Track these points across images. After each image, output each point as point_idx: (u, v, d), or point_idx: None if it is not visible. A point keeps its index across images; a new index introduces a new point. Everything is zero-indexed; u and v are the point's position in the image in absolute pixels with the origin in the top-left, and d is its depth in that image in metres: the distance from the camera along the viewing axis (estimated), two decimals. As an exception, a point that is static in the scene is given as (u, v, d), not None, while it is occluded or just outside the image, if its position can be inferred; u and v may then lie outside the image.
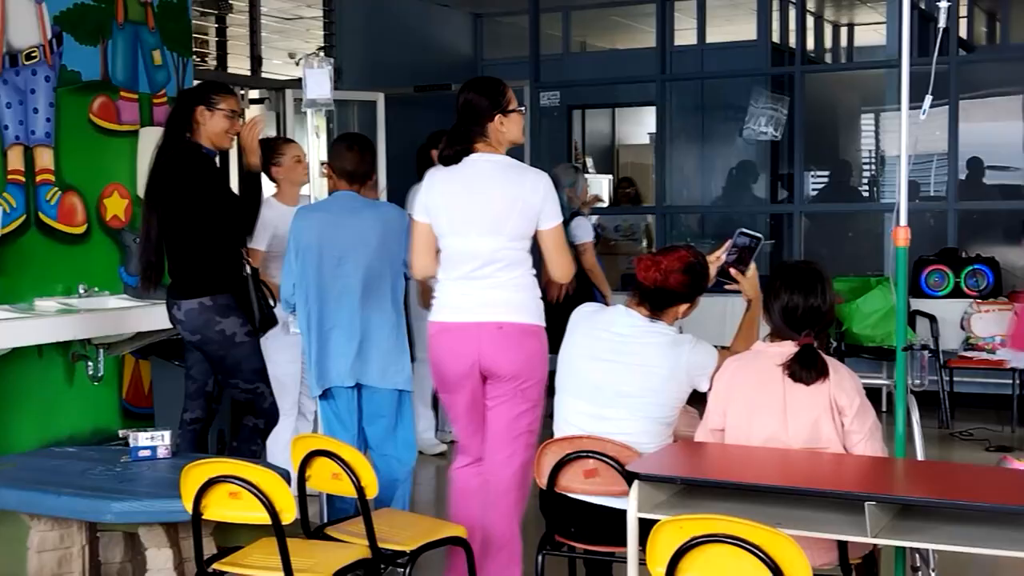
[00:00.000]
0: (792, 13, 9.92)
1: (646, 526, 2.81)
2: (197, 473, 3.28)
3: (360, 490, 3.45)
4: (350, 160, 4.48)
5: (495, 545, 3.96)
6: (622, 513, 3.09)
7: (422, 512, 4.97)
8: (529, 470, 3.84)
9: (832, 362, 3.31)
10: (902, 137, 3.47)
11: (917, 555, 3.78)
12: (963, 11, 10.43)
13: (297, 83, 5.43)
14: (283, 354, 5.18)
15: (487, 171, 3.87)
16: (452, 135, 3.91)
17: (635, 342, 3.54)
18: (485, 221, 3.84)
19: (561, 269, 3.93)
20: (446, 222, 3.92)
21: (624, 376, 3.51)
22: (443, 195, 3.91)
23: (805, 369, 3.24)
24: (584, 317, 3.70)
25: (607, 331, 3.59)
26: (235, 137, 4.64)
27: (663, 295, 3.55)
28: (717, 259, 3.75)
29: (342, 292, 4.36)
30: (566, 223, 4.37)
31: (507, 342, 3.85)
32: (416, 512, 4.63)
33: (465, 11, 10.52)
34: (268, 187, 5.26)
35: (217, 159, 4.76)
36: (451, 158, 3.88)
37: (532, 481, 3.77)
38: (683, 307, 3.61)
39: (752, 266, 3.77)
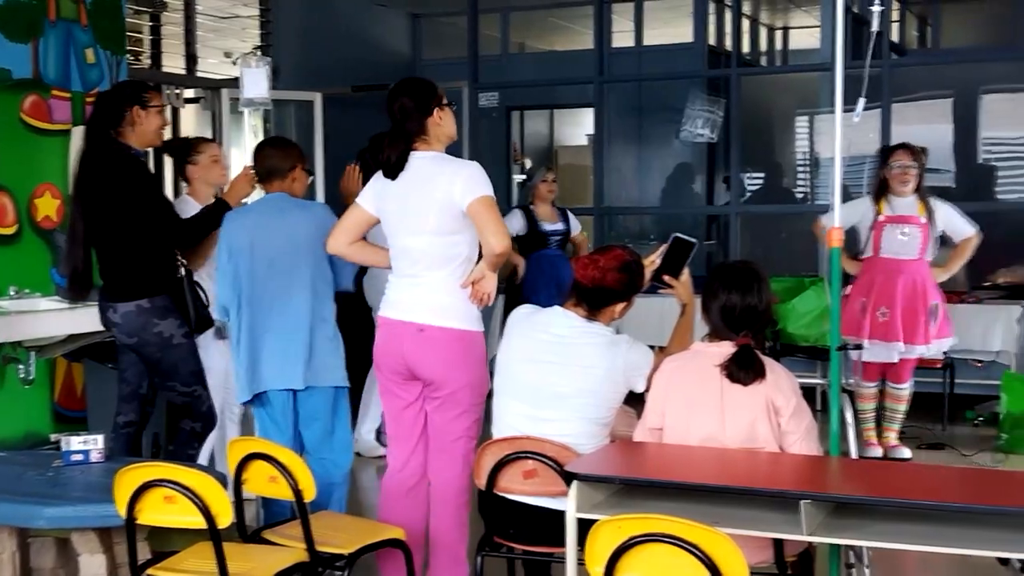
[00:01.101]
0: (728, 16, 10.02)
1: (585, 526, 2.82)
2: (131, 477, 3.24)
3: (298, 493, 3.43)
4: (262, 160, 4.46)
5: (440, 549, 3.95)
6: (561, 514, 3.09)
7: (361, 515, 4.94)
8: (468, 473, 3.84)
9: (769, 362, 3.34)
10: (836, 139, 3.52)
11: (851, 552, 3.83)
12: (895, 15, 10.61)
13: (233, 82, 5.39)
14: (214, 357, 5.12)
15: (416, 169, 3.86)
16: (392, 139, 3.87)
17: (572, 343, 3.55)
18: (409, 220, 3.84)
19: (494, 238, 3.73)
20: (386, 222, 3.94)
21: (562, 377, 3.52)
22: (385, 197, 3.91)
23: (742, 370, 3.28)
24: (520, 319, 3.71)
25: (545, 332, 3.60)
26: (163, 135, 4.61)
27: (601, 294, 3.58)
28: (651, 263, 3.78)
29: (275, 295, 4.32)
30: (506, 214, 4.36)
31: (428, 345, 3.84)
32: (355, 515, 4.60)
33: (403, 11, 10.49)
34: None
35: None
36: (396, 163, 3.85)
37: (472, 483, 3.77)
38: (620, 306, 3.63)
39: (685, 271, 3.80)
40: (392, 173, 3.86)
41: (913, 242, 6.12)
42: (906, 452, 6.35)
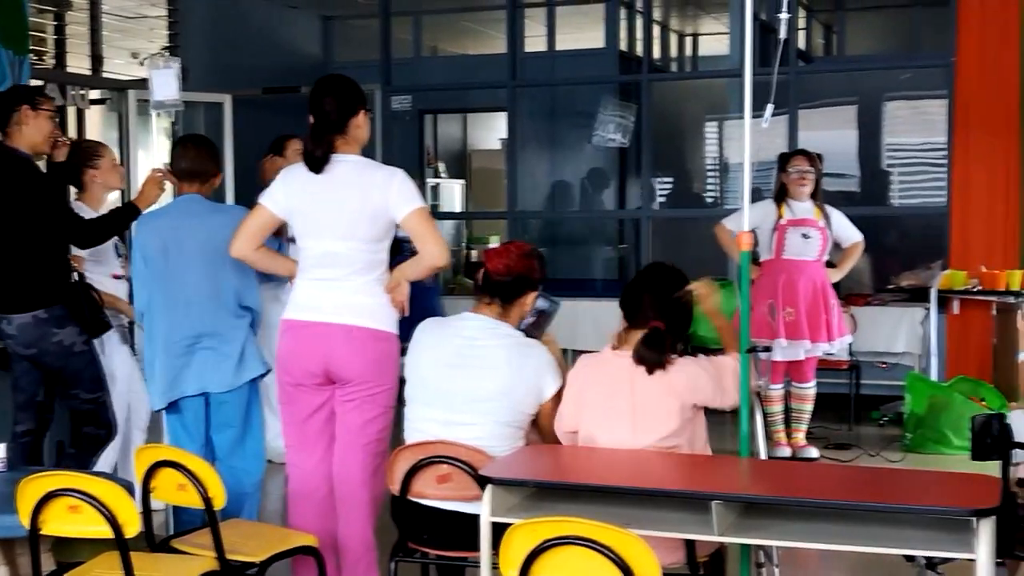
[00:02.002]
0: (639, 22, 10.11)
1: (499, 530, 2.82)
2: (34, 487, 3.16)
3: (207, 501, 3.37)
4: (186, 159, 4.39)
5: (352, 555, 3.92)
6: (475, 518, 3.09)
7: (271, 522, 4.88)
8: (380, 478, 3.81)
9: (681, 360, 3.39)
10: (745, 145, 3.57)
11: (761, 552, 3.88)
12: (801, 23, 10.80)
13: (140, 83, 5.29)
14: (119, 363, 5.03)
15: (344, 173, 3.82)
16: (316, 135, 3.82)
17: (483, 345, 3.55)
18: (339, 225, 3.79)
19: (437, 250, 3.75)
20: (303, 224, 3.87)
21: (474, 380, 3.51)
22: (302, 197, 3.85)
23: (651, 350, 3.31)
24: (429, 327, 3.70)
25: (456, 336, 3.59)
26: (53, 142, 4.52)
27: (514, 282, 3.59)
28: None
29: (190, 299, 4.26)
30: None
31: (355, 346, 3.81)
32: (265, 522, 4.55)
33: (314, 13, 10.41)
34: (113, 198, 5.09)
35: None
36: (320, 160, 3.80)
37: (385, 488, 3.75)
38: (530, 296, 3.64)
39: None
40: (317, 168, 3.81)
41: (814, 244, 6.33)
42: (814, 452, 6.48)
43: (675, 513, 2.97)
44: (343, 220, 3.79)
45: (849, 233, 6.51)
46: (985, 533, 2.62)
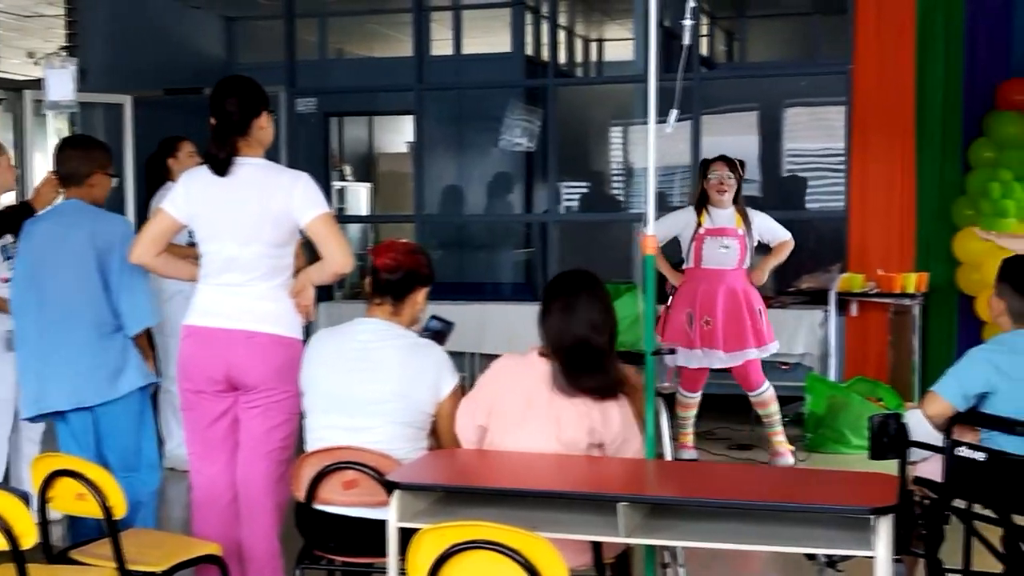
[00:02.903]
0: (545, 27, 10.16)
1: (406, 535, 2.80)
2: (-75, 499, 3.06)
3: (107, 510, 3.30)
4: (60, 161, 4.29)
5: (257, 563, 3.87)
6: (382, 523, 3.07)
7: (176, 530, 4.80)
8: (285, 485, 3.77)
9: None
10: (650, 150, 3.61)
11: (666, 552, 3.92)
12: (704, 30, 10.96)
13: (37, 83, 5.16)
14: (5, 370, 4.90)
15: (247, 176, 3.77)
16: (219, 137, 3.76)
17: (377, 349, 3.53)
18: (242, 229, 3.74)
19: (342, 256, 3.73)
20: (205, 228, 3.81)
21: (371, 384, 3.49)
22: (205, 201, 3.79)
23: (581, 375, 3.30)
24: (322, 337, 3.68)
25: (350, 341, 3.57)
26: None
27: (404, 278, 3.57)
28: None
29: (61, 308, 4.14)
30: None
31: (257, 352, 3.77)
32: (168, 531, 4.47)
33: (217, 14, 10.26)
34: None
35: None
36: (223, 163, 3.75)
37: (289, 496, 3.71)
38: (421, 294, 3.63)
39: None
40: (221, 171, 3.75)
41: (732, 253, 6.32)
42: (789, 459, 6.40)
43: (582, 515, 2.99)
44: (246, 224, 3.74)
45: (777, 232, 6.49)
46: (883, 531, 2.68)
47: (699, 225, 6.36)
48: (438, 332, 3.81)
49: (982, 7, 7.52)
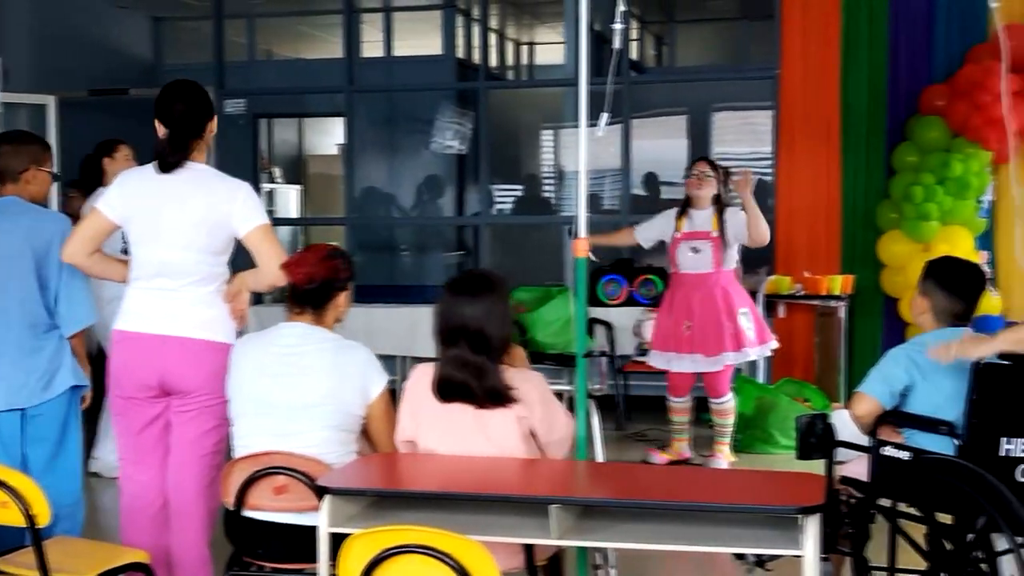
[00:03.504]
0: (476, 30, 10.18)
1: (337, 540, 2.79)
2: None
3: (30, 518, 3.24)
4: None
5: (186, 571, 3.82)
6: (312, 529, 3.05)
7: (102, 538, 4.72)
8: (216, 491, 3.73)
9: (520, 376, 3.36)
10: (581, 153, 3.62)
11: (597, 554, 3.94)
12: (634, 34, 11.05)
13: (-44, 83, 5.04)
14: None
15: (188, 181, 3.75)
16: (176, 141, 3.74)
17: (303, 352, 3.49)
18: (179, 233, 3.71)
19: (274, 268, 3.69)
20: (140, 229, 3.76)
21: (299, 388, 3.46)
22: (142, 203, 3.75)
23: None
24: (247, 343, 3.64)
25: (274, 346, 3.53)
26: None
27: (320, 288, 3.54)
28: None
29: (1, 308, 4.06)
30: None
31: (191, 358, 3.73)
32: (95, 539, 4.39)
33: (144, 14, 10.13)
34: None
35: None
36: (174, 165, 3.72)
37: (219, 502, 3.66)
38: (342, 297, 3.60)
39: None
40: (168, 170, 3.72)
41: (705, 257, 6.28)
42: (722, 464, 6.43)
43: (514, 518, 2.99)
44: (184, 229, 3.71)
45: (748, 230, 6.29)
46: (811, 530, 2.72)
47: (676, 230, 6.37)
48: None
49: (905, 14, 7.67)
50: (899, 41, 7.68)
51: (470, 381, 3.25)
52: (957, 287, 3.75)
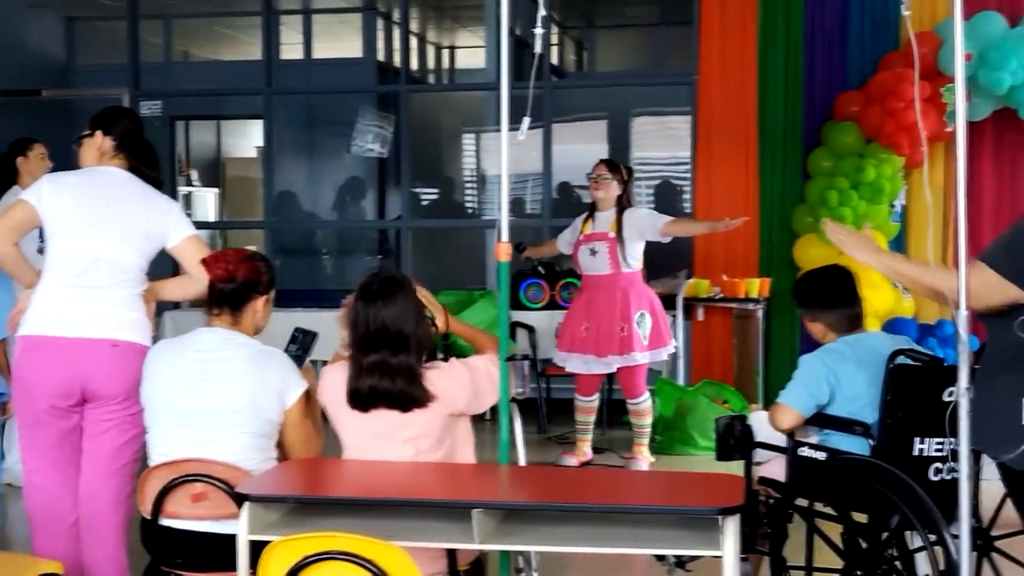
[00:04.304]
0: (396, 33, 10.14)
1: (257, 548, 2.75)
2: None
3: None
4: None
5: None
6: (231, 537, 3.00)
7: (13, 549, 4.61)
8: (132, 500, 3.66)
9: (435, 374, 3.36)
10: (503, 157, 3.63)
11: (520, 557, 3.94)
12: (555, 39, 11.10)
13: None
14: None
15: (126, 184, 3.82)
16: (131, 147, 3.91)
17: (220, 358, 3.44)
18: (120, 229, 3.72)
19: (205, 275, 3.69)
20: (75, 222, 3.71)
21: (216, 394, 3.40)
22: (76, 199, 3.74)
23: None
24: (162, 349, 3.58)
25: (191, 351, 3.48)
26: None
27: (240, 288, 3.50)
28: None
29: None
30: None
31: (120, 362, 3.66)
32: (7, 550, 4.29)
33: (57, 14, 9.93)
34: None
35: None
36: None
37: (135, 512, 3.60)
38: (260, 302, 3.56)
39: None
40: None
41: (602, 258, 6.31)
42: (643, 466, 6.45)
43: (437, 523, 2.98)
44: (124, 223, 3.73)
45: (654, 223, 6.30)
46: (730, 531, 2.74)
47: (581, 232, 6.41)
48: (303, 344, 3.75)
49: (820, 22, 7.80)
50: (814, 48, 7.82)
51: (397, 386, 3.23)
52: (833, 299, 3.81)
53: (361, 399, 3.26)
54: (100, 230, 3.71)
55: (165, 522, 3.37)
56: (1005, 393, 2.87)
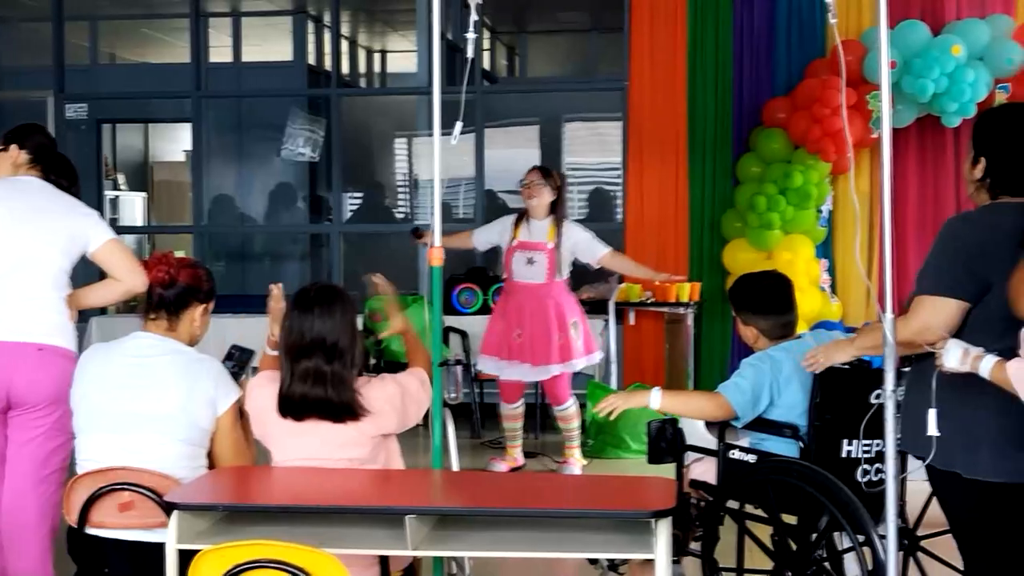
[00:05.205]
0: (327, 36, 10.09)
1: (187, 557, 2.72)
2: None
3: None
4: None
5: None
6: (161, 546, 2.96)
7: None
8: (59, 509, 3.59)
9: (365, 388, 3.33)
10: (435, 162, 3.62)
11: (453, 563, 3.94)
12: (486, 44, 11.12)
13: None
14: None
15: (46, 191, 3.80)
16: (45, 157, 3.89)
17: (153, 363, 3.39)
18: (44, 229, 3.69)
19: (132, 277, 3.69)
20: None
21: (148, 400, 3.35)
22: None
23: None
24: (94, 352, 3.52)
25: (123, 356, 3.43)
26: None
27: (180, 294, 3.46)
28: None
29: None
30: None
31: (46, 367, 3.61)
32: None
33: (-21, 14, 9.74)
34: None
35: None
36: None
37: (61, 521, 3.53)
38: (199, 310, 3.52)
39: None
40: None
41: (539, 268, 6.27)
42: (575, 469, 6.47)
43: (369, 529, 2.97)
44: (46, 229, 3.70)
45: (593, 250, 6.33)
46: (663, 533, 2.76)
47: (513, 238, 6.36)
48: (240, 360, 3.72)
49: (748, 29, 7.89)
50: (743, 55, 7.90)
51: (329, 394, 3.20)
52: (771, 307, 3.84)
53: (293, 406, 3.22)
54: (22, 233, 3.67)
55: (92, 531, 3.32)
56: (924, 400, 2.94)
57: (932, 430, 2.91)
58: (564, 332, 6.28)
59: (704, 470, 3.82)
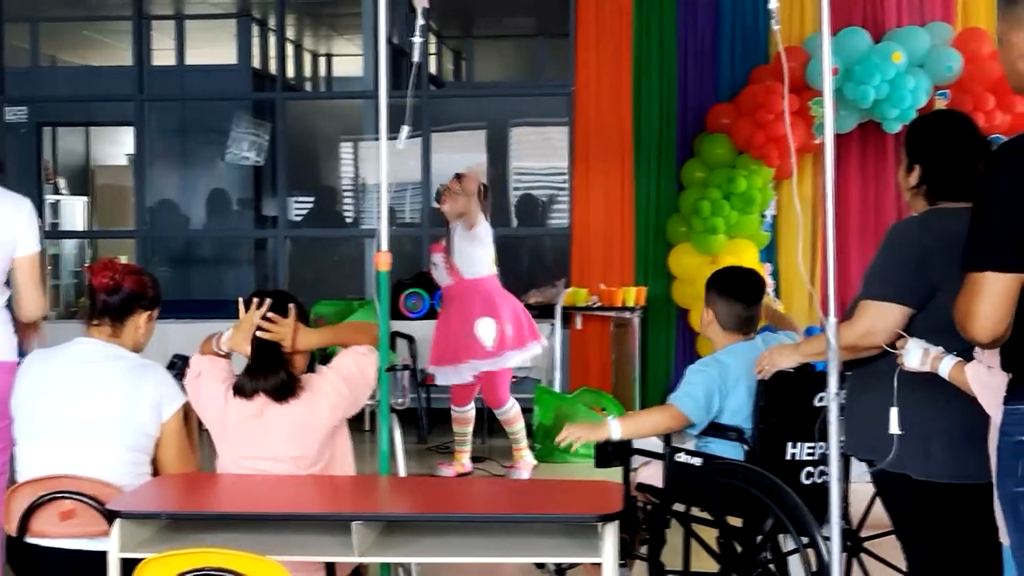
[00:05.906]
0: (272, 40, 10.03)
1: (130, 566, 2.68)
2: None
3: None
4: None
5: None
6: (103, 555, 2.92)
7: None
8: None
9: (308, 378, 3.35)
10: (382, 166, 3.61)
11: (400, 569, 3.92)
12: (433, 48, 11.11)
13: None
14: None
15: None
16: None
17: (97, 369, 3.35)
18: None
19: (34, 303, 3.68)
20: None
21: (91, 406, 3.30)
22: None
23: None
24: (35, 359, 3.47)
25: (66, 362, 3.38)
26: None
27: (125, 300, 3.42)
28: None
29: None
30: None
31: None
32: None
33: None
34: None
35: None
36: None
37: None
38: (143, 317, 3.48)
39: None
40: None
41: (441, 270, 6.34)
42: (524, 473, 6.47)
43: (316, 536, 2.95)
44: None
45: (467, 258, 6.24)
46: (610, 537, 2.77)
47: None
48: (182, 370, 3.68)
49: (692, 36, 7.96)
50: (687, 61, 7.97)
51: (276, 378, 3.26)
52: (735, 293, 3.88)
53: (242, 389, 3.27)
54: None
55: (32, 540, 3.26)
56: (878, 402, 2.97)
57: (894, 428, 2.95)
58: (470, 331, 6.21)
59: (651, 474, 3.84)
